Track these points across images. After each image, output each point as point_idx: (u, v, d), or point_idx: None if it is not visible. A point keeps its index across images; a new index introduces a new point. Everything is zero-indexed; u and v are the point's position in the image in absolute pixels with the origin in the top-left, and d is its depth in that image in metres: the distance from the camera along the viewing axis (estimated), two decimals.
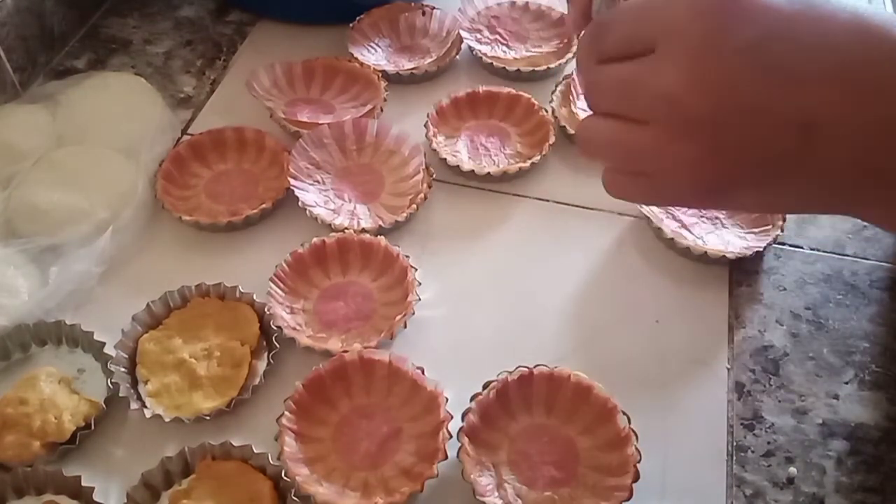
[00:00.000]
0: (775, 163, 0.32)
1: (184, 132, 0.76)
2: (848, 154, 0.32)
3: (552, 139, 0.72)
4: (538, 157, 0.71)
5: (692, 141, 0.33)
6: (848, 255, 0.68)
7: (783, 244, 0.68)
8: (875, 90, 0.31)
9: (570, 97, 0.76)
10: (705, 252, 0.64)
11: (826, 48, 0.31)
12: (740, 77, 0.31)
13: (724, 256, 0.64)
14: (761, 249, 0.64)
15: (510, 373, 0.56)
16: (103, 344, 0.59)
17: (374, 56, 0.82)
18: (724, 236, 0.66)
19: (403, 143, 0.71)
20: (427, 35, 0.85)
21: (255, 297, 0.61)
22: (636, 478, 0.51)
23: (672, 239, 0.65)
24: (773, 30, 0.31)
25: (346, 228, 0.66)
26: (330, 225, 0.66)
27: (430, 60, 0.81)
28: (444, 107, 0.75)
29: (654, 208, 0.67)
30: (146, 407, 0.56)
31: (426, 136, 0.72)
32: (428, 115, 0.74)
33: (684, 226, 0.66)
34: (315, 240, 0.65)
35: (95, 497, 0.52)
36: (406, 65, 0.81)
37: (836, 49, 0.31)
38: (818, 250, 0.68)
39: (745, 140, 0.32)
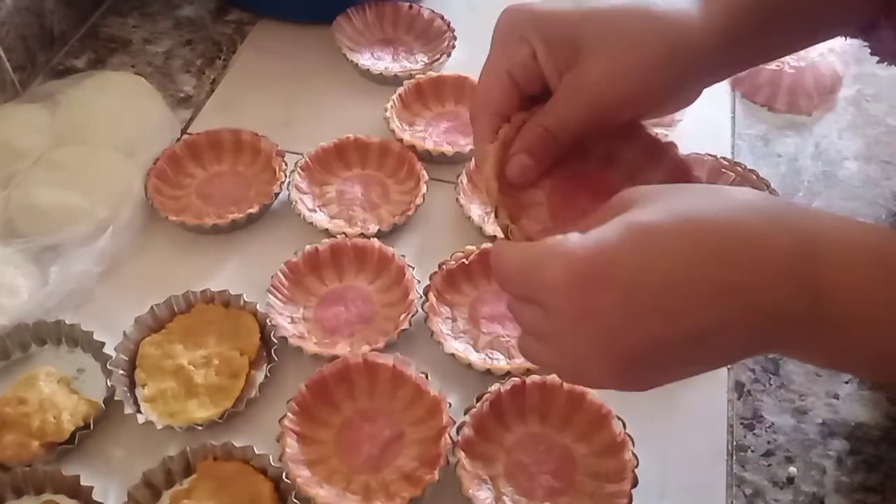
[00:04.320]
0: (682, 362, 0.37)
1: (183, 132, 0.76)
2: (738, 343, 0.36)
3: None
4: None
5: (606, 374, 0.38)
6: None
7: None
8: (738, 291, 0.35)
9: None
10: None
11: (680, 284, 0.35)
12: (618, 329, 0.36)
13: None
14: None
15: (502, 383, 0.56)
16: (103, 344, 0.59)
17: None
18: None
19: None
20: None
21: (258, 306, 0.61)
22: (635, 483, 0.51)
23: None
24: (634, 282, 0.35)
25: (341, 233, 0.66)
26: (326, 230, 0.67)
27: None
28: None
29: None
30: (140, 412, 0.56)
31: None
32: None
33: None
34: (308, 247, 0.64)
35: (94, 496, 0.52)
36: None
37: (690, 278, 0.35)
38: None
39: (649, 361, 0.36)
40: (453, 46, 0.82)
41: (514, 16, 0.43)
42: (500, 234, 0.61)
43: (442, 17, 0.84)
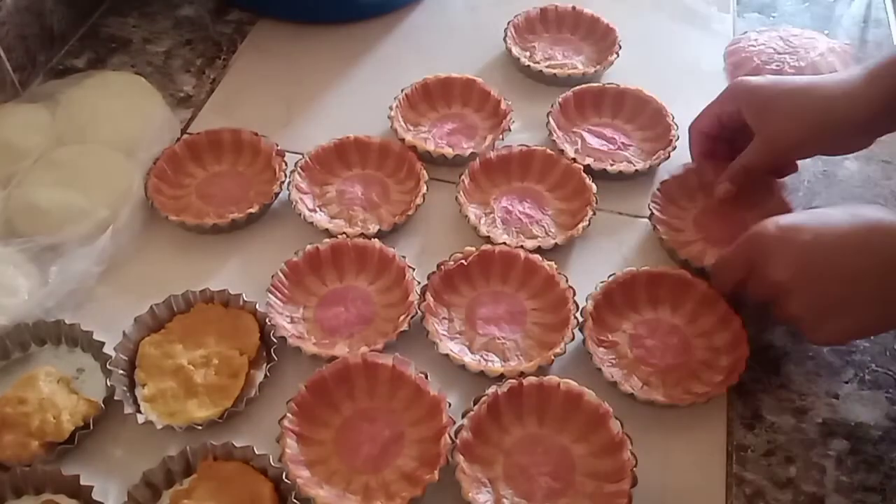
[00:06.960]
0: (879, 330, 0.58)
1: (183, 131, 0.76)
2: None
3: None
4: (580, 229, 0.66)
5: (826, 316, 0.55)
6: None
7: None
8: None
9: None
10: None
11: (846, 255, 0.53)
12: (830, 278, 0.53)
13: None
14: None
15: (499, 385, 0.55)
16: (103, 343, 0.59)
17: None
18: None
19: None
20: None
21: (257, 305, 0.61)
22: (634, 483, 0.51)
23: (686, 260, 0.64)
24: (813, 249, 0.54)
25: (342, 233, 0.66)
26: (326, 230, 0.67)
27: None
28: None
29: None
30: (140, 412, 0.56)
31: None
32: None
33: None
34: (308, 247, 0.64)
35: (94, 496, 0.52)
36: None
37: (852, 252, 0.53)
38: None
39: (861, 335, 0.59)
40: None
41: (738, 84, 0.65)
42: (493, 237, 0.63)
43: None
